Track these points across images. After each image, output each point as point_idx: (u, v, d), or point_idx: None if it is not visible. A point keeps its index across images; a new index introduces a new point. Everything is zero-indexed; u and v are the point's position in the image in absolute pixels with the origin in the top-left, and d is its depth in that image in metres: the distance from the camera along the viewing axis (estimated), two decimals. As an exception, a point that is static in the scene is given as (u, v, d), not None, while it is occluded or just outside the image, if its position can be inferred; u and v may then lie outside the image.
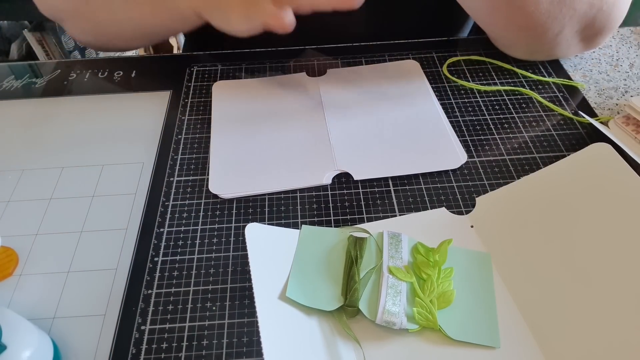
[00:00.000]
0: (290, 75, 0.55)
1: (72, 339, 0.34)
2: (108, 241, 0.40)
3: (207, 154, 0.47)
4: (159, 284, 0.37)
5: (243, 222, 0.41)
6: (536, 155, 0.45)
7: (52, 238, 0.41)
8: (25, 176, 0.46)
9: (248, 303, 0.36)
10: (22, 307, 0.36)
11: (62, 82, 0.56)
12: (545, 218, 0.38)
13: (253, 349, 0.33)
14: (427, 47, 0.58)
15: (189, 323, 0.35)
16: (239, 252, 0.39)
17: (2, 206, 0.43)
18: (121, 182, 0.45)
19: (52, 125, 0.51)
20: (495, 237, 0.38)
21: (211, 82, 0.55)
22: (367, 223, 0.40)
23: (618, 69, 0.55)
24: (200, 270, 0.38)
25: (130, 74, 0.57)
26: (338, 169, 0.44)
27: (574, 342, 0.32)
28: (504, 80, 0.53)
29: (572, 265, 0.35)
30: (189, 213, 0.42)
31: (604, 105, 0.51)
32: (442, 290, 0.35)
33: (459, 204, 0.42)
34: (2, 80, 0.57)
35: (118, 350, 0.34)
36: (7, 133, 0.50)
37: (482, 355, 0.33)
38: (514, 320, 0.34)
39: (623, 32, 0.60)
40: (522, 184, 0.41)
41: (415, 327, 0.33)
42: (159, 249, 0.39)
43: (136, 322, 0.35)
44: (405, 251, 0.37)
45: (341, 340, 0.33)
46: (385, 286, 0.35)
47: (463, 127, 0.48)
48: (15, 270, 0.38)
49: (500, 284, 0.36)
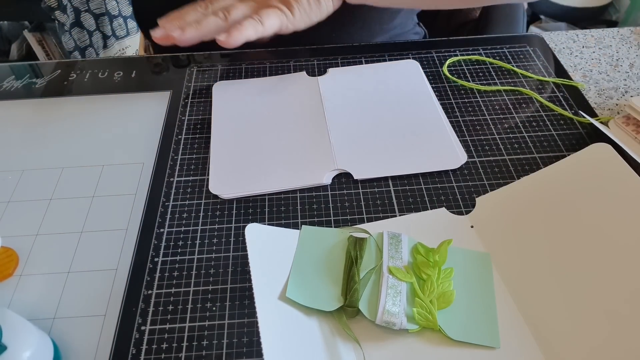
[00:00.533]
0: (290, 75, 0.55)
1: (72, 339, 0.34)
2: (108, 241, 0.40)
3: (207, 154, 0.47)
4: (159, 284, 0.37)
5: (243, 222, 0.41)
6: (536, 155, 0.45)
7: (52, 238, 0.41)
8: (25, 176, 0.46)
9: (248, 303, 0.36)
10: (23, 307, 0.36)
11: (62, 82, 0.56)
12: (545, 218, 0.38)
13: (253, 349, 0.33)
14: (427, 47, 0.58)
15: (189, 323, 0.35)
16: (239, 252, 0.39)
17: (2, 206, 0.43)
18: (121, 182, 0.45)
19: (52, 125, 0.51)
20: (495, 237, 0.38)
21: (211, 82, 0.55)
22: (367, 223, 0.40)
23: (618, 69, 0.55)
24: (200, 270, 0.38)
25: (130, 74, 0.57)
26: (338, 168, 0.44)
27: (573, 342, 0.32)
28: (504, 80, 0.53)
29: (572, 265, 0.35)
30: (189, 213, 0.42)
31: (604, 105, 0.51)
32: (442, 290, 0.35)
33: (459, 204, 0.42)
34: (2, 81, 0.57)
35: (118, 350, 0.34)
36: (7, 133, 0.50)
37: (482, 355, 0.33)
38: (514, 320, 0.34)
39: (623, 32, 0.60)
40: (522, 184, 0.41)
41: (415, 327, 0.33)
42: (159, 249, 0.39)
43: (136, 322, 0.35)
44: (405, 251, 0.37)
45: (341, 340, 0.33)
46: (385, 286, 0.35)
47: (463, 127, 0.48)
48: (16, 270, 0.38)
49: (500, 284, 0.36)
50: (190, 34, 0.48)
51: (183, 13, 0.51)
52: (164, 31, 0.49)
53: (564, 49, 0.58)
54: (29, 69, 0.59)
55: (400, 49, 0.58)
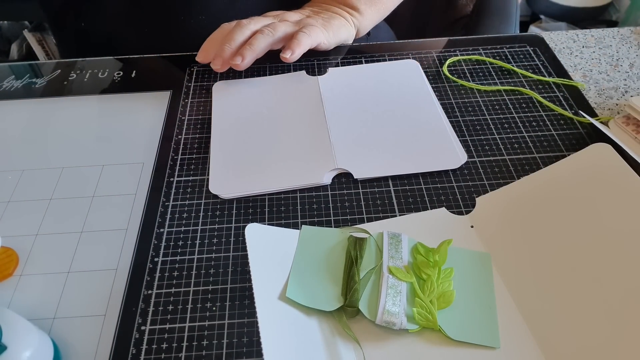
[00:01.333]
0: (290, 75, 0.55)
1: (72, 339, 0.34)
2: (108, 241, 0.40)
3: (207, 154, 0.47)
4: (159, 284, 0.37)
5: (243, 222, 0.41)
6: (536, 155, 0.45)
7: (52, 238, 0.41)
8: (25, 176, 0.46)
9: (248, 303, 0.36)
10: (23, 307, 0.36)
11: (62, 82, 0.56)
12: (545, 218, 0.38)
13: (253, 349, 0.33)
14: (427, 47, 0.58)
15: (189, 323, 0.35)
16: (239, 252, 0.39)
17: (2, 206, 0.43)
18: (121, 182, 0.45)
19: (52, 125, 0.51)
20: (495, 237, 0.38)
21: (211, 82, 0.55)
22: (367, 223, 0.40)
23: (618, 69, 0.55)
24: (200, 270, 0.38)
25: (130, 74, 0.57)
26: (338, 168, 0.44)
27: (573, 342, 0.32)
28: (504, 80, 0.53)
29: (572, 265, 0.35)
30: (189, 213, 0.42)
31: (604, 105, 0.51)
32: (442, 290, 0.35)
33: (459, 204, 0.42)
34: (2, 81, 0.57)
35: (118, 350, 0.34)
36: (7, 133, 0.50)
37: (482, 355, 0.33)
38: (514, 320, 0.34)
39: (623, 32, 0.60)
40: (522, 184, 0.41)
41: (415, 327, 0.33)
42: (159, 249, 0.39)
43: (136, 322, 0.35)
44: (405, 251, 0.37)
45: (341, 340, 0.33)
46: (385, 286, 0.35)
47: (463, 127, 0.48)
48: (16, 270, 0.39)
49: (500, 284, 0.36)
50: (250, 58, 0.51)
51: (224, 35, 0.53)
52: (220, 59, 0.51)
53: (564, 49, 0.58)
54: (29, 69, 0.59)
55: (400, 49, 0.58)
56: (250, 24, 0.52)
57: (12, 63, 0.60)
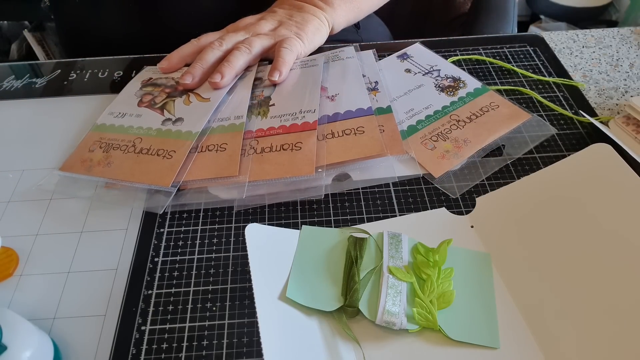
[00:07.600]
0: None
1: (72, 339, 0.34)
2: (108, 241, 0.40)
3: (207, 154, 0.47)
4: (159, 285, 0.37)
5: (243, 222, 0.41)
6: (536, 155, 0.45)
7: (52, 238, 0.41)
8: (25, 176, 0.46)
9: (248, 303, 0.36)
10: (23, 307, 0.36)
11: (62, 82, 0.56)
12: (545, 218, 0.38)
13: (253, 349, 0.33)
14: (428, 47, 0.58)
15: (189, 323, 0.35)
16: (239, 252, 0.39)
17: (2, 206, 0.43)
18: (121, 182, 0.45)
19: (52, 125, 0.51)
20: (495, 237, 0.38)
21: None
22: (367, 223, 0.40)
23: (618, 69, 0.55)
24: (200, 270, 0.38)
25: (130, 74, 0.57)
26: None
27: (573, 342, 0.32)
28: (504, 80, 0.53)
29: (572, 265, 0.35)
30: (188, 213, 0.42)
31: (604, 105, 0.51)
32: (442, 290, 0.35)
33: (459, 204, 0.42)
34: (2, 80, 0.57)
35: (118, 350, 0.34)
36: (7, 133, 0.50)
37: (482, 355, 0.33)
38: (514, 320, 0.34)
39: (623, 32, 0.60)
40: (522, 184, 0.41)
41: (415, 327, 0.33)
42: (159, 249, 0.39)
43: (136, 322, 0.35)
44: (405, 251, 0.37)
45: (341, 340, 0.33)
46: (385, 286, 0.35)
47: (463, 127, 0.48)
48: (16, 270, 0.39)
49: (500, 284, 0.36)
50: (229, 77, 0.49)
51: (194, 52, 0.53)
52: (190, 75, 0.50)
53: (564, 48, 0.58)
54: (29, 68, 0.59)
55: (400, 49, 0.58)
56: (223, 44, 0.51)
57: (12, 63, 0.60)
